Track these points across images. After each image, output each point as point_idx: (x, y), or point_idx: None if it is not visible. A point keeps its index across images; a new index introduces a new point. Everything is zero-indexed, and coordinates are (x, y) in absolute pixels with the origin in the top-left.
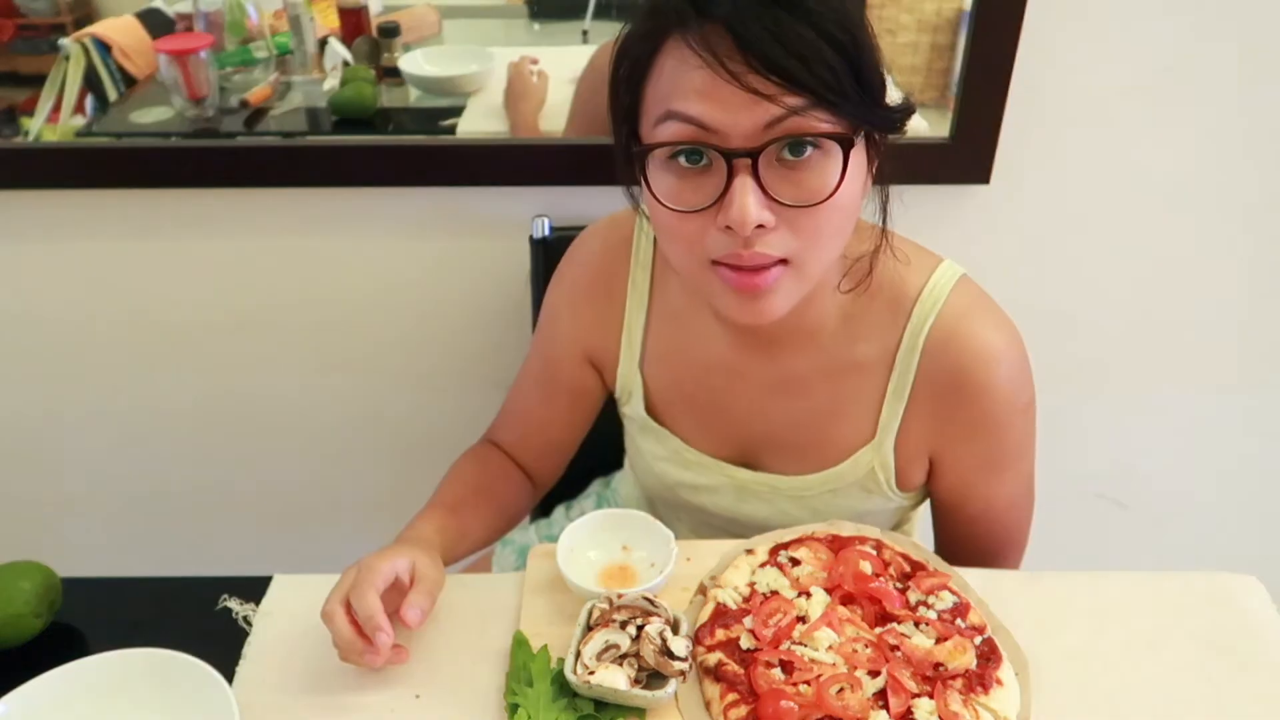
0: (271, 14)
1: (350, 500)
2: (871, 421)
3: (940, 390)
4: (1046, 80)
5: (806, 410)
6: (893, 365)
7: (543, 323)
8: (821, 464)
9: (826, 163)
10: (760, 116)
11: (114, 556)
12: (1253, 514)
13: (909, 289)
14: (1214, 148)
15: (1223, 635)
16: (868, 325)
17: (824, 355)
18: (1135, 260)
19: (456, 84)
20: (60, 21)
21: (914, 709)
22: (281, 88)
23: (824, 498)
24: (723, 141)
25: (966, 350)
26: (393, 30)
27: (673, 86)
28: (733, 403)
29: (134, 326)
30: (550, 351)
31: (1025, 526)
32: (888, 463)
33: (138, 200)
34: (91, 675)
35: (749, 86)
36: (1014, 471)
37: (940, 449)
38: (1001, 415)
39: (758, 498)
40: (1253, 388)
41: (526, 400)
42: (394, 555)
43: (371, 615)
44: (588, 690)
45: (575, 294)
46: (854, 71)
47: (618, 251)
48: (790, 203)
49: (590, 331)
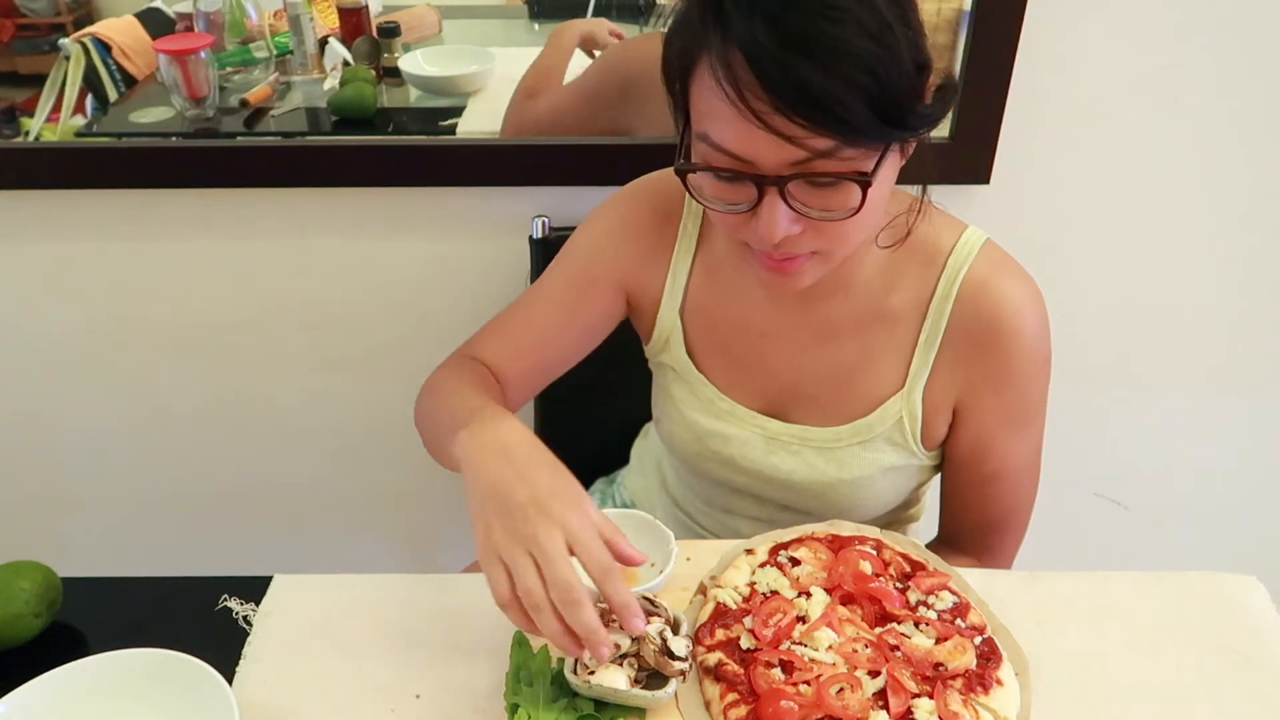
0: (271, 14)
1: (350, 500)
2: (901, 371)
3: (971, 339)
4: (1046, 80)
5: (839, 360)
6: (925, 314)
7: (577, 250)
8: (851, 415)
9: (852, 186)
10: (786, 156)
11: (114, 556)
12: (1253, 514)
13: (942, 244)
14: (1214, 147)
15: (1223, 635)
16: (901, 276)
17: (858, 305)
18: (1135, 260)
19: (456, 84)
20: (60, 21)
21: (914, 709)
22: (281, 88)
23: (852, 450)
24: (753, 169)
25: (999, 300)
26: (393, 30)
27: (707, 108)
28: (767, 354)
29: (134, 326)
30: (582, 275)
31: (1030, 499)
32: (915, 413)
33: (138, 200)
34: (91, 675)
35: (773, 128)
36: (1029, 430)
37: (966, 399)
38: (1027, 367)
39: (786, 450)
40: (1252, 387)
41: (533, 317)
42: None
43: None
44: (588, 690)
45: (625, 226)
46: (879, 112)
47: (672, 199)
48: (818, 216)
49: (635, 265)
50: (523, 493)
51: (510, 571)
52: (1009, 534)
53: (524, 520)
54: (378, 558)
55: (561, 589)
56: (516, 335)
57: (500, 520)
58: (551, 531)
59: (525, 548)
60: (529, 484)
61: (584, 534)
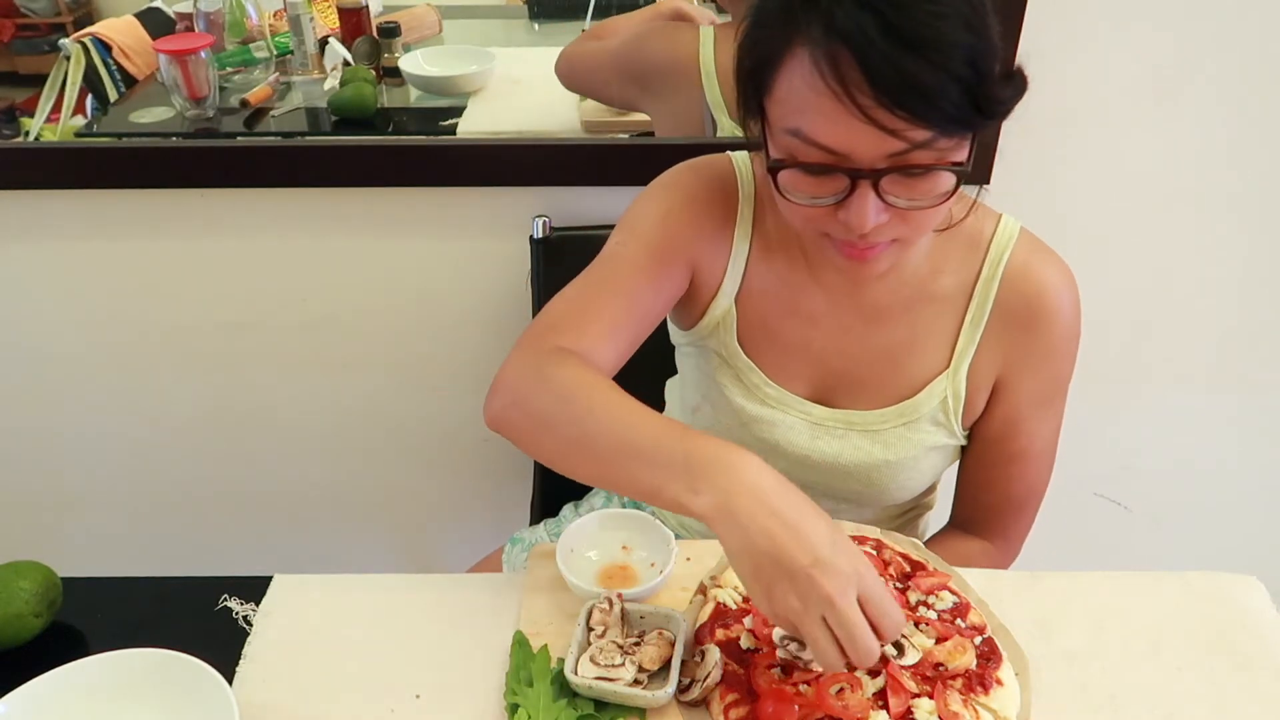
0: (271, 14)
1: (350, 500)
2: (947, 351)
3: (1014, 317)
4: (1046, 80)
5: (886, 343)
6: (971, 295)
7: (651, 223)
8: (897, 396)
9: (943, 176)
10: (885, 148)
11: (114, 556)
12: (1253, 514)
13: (984, 228)
14: (1213, 147)
15: (1223, 635)
16: (947, 260)
17: (906, 288)
18: (1135, 260)
19: (456, 84)
20: (60, 21)
21: (914, 709)
22: (281, 88)
23: (897, 431)
24: (846, 162)
25: (1041, 280)
26: (393, 30)
27: (801, 102)
28: (815, 339)
29: (134, 326)
30: (663, 243)
31: (1045, 482)
32: (959, 391)
33: (138, 200)
34: (91, 675)
35: (875, 121)
36: (1054, 410)
37: (1005, 376)
38: (1063, 344)
39: (831, 434)
40: (1253, 388)
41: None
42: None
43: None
44: (588, 690)
45: (696, 203)
46: (977, 102)
47: (728, 182)
48: (906, 206)
49: (706, 243)
50: (805, 556)
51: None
52: (1024, 516)
53: (811, 585)
54: (378, 558)
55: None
56: (610, 313)
57: (784, 585)
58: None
59: (819, 613)
60: (807, 545)
61: (876, 589)
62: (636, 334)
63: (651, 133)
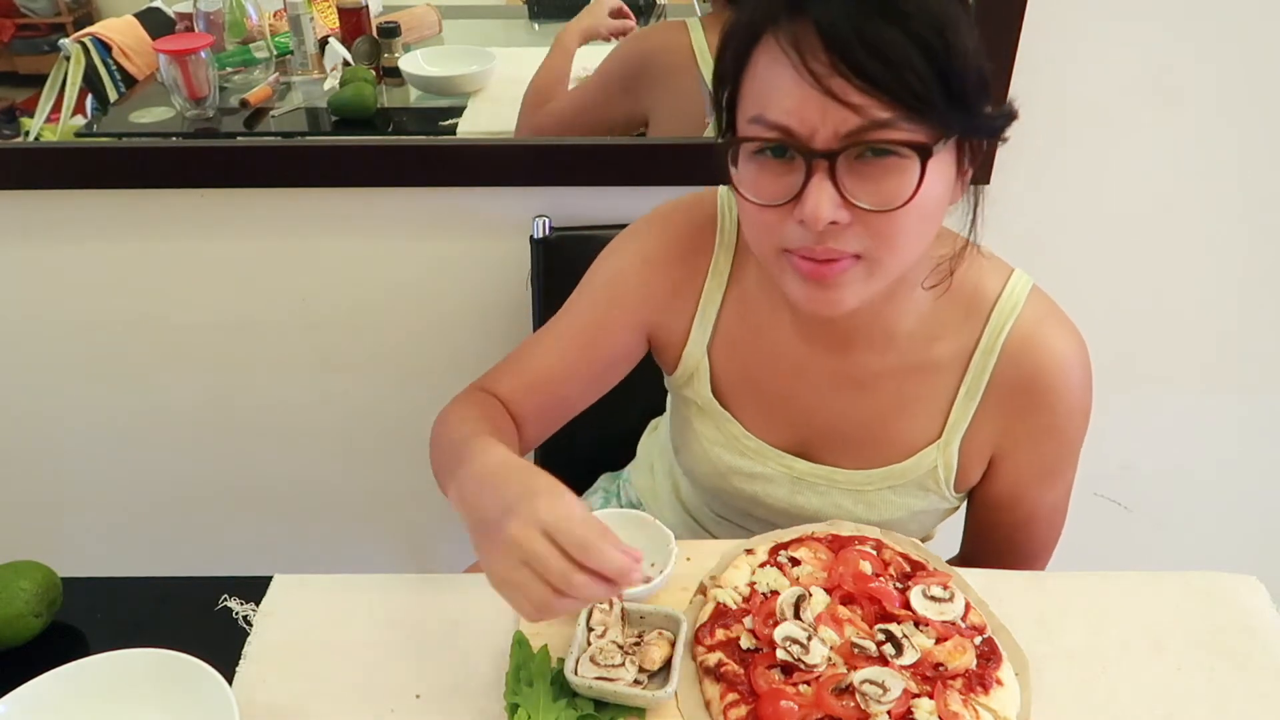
0: (271, 14)
1: (350, 500)
2: (939, 421)
3: (1014, 393)
4: (1046, 80)
5: (874, 407)
6: (967, 366)
7: (598, 285)
8: (884, 460)
9: (906, 167)
10: (841, 124)
11: (114, 556)
12: (1253, 514)
13: (987, 291)
14: (1213, 147)
15: (1223, 635)
16: (944, 325)
17: (898, 353)
18: (1135, 261)
19: (456, 84)
20: (60, 21)
21: (914, 709)
22: (281, 88)
23: (882, 493)
24: (804, 143)
25: (1044, 355)
26: (393, 30)
27: (764, 85)
28: (799, 394)
29: (134, 326)
30: (604, 313)
31: (1057, 536)
32: (951, 463)
33: (138, 200)
34: (91, 675)
35: (829, 89)
36: (1064, 479)
37: (1004, 451)
38: (1068, 422)
39: (813, 490)
40: (1253, 388)
41: (551, 354)
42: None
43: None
44: (588, 690)
45: (651, 263)
46: (944, 79)
47: (703, 230)
48: (866, 206)
49: (660, 304)
50: (495, 508)
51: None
52: (1036, 566)
53: (499, 530)
54: (378, 558)
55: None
56: (531, 372)
57: (486, 543)
58: (527, 530)
59: (517, 559)
60: (500, 497)
61: (553, 519)
62: (560, 394)
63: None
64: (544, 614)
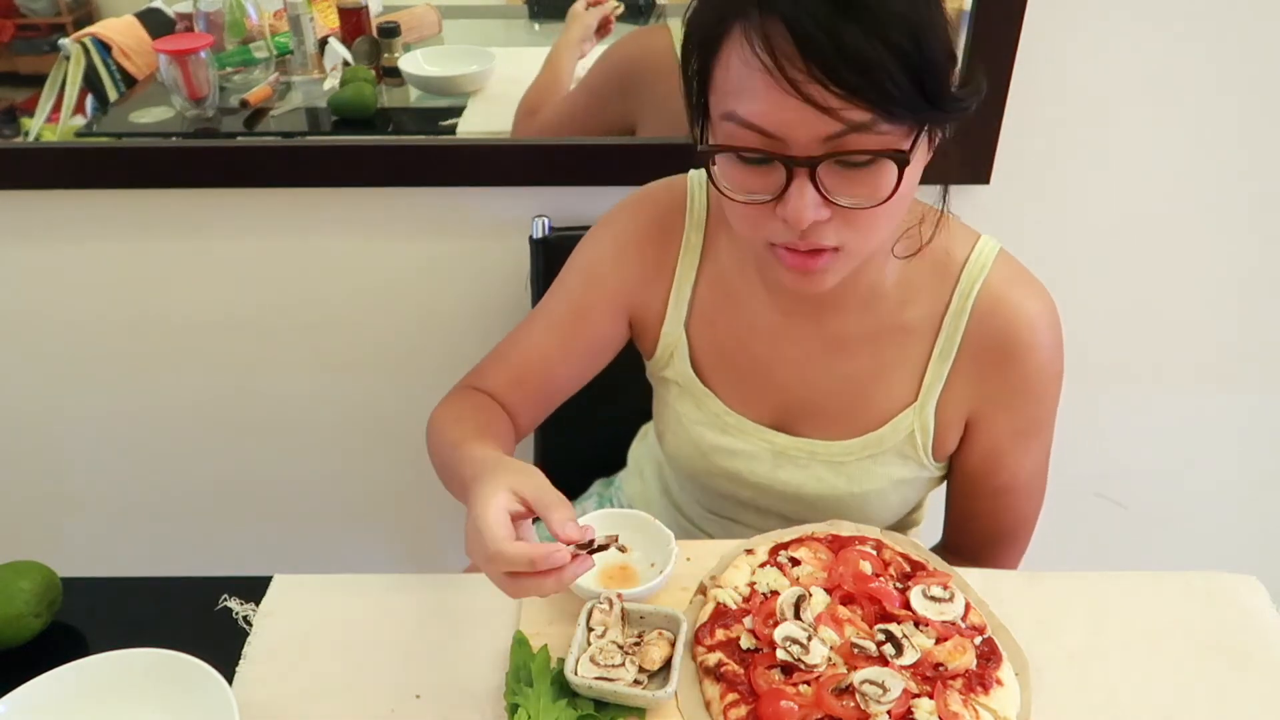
0: (271, 14)
1: (350, 500)
2: (914, 384)
3: (985, 353)
4: (1046, 80)
5: (850, 373)
6: (939, 328)
7: (575, 272)
8: (862, 428)
9: (885, 167)
10: (820, 130)
11: (114, 556)
12: (1253, 514)
13: (956, 255)
14: (1213, 148)
15: (1223, 635)
16: (916, 289)
17: (871, 318)
18: (1134, 260)
19: (456, 84)
20: (60, 21)
21: (914, 709)
22: (281, 88)
23: (862, 464)
24: (782, 149)
25: (1014, 314)
26: (393, 30)
27: (737, 84)
28: (776, 366)
29: (134, 326)
30: (582, 299)
31: (1037, 509)
32: (928, 426)
33: (138, 200)
34: (91, 675)
35: (807, 96)
36: (1039, 442)
37: (979, 413)
38: (1040, 381)
39: (794, 464)
40: (1253, 387)
41: (535, 344)
42: (492, 500)
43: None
44: (588, 690)
45: (625, 247)
46: (918, 80)
47: (673, 211)
48: (847, 204)
49: (636, 286)
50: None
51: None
52: (1015, 544)
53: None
54: (378, 558)
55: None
56: (517, 363)
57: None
58: (469, 547)
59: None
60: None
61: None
62: (548, 383)
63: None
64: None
